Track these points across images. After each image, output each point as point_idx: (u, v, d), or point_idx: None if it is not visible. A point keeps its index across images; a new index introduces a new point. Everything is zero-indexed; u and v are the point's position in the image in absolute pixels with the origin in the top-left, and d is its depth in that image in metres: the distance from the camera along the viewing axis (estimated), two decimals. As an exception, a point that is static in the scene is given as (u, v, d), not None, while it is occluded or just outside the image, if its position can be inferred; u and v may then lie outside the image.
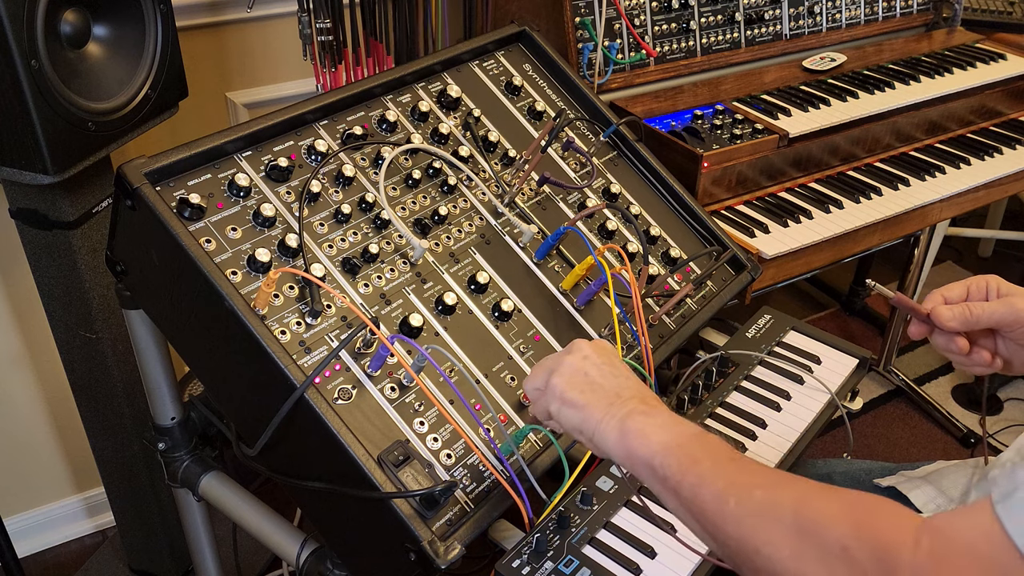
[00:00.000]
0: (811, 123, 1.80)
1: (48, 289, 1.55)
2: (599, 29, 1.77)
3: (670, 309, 1.32)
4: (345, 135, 1.21)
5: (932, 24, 2.31)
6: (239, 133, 1.11)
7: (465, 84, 1.37)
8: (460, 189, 1.27)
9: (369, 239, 1.15)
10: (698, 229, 1.47)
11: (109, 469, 1.77)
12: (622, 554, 1.00)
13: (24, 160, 1.27)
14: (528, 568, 0.96)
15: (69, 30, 1.29)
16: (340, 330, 1.06)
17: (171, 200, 1.03)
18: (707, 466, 0.76)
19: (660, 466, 0.78)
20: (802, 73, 2.02)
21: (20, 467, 1.99)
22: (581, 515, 1.04)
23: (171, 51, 1.43)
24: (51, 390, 1.94)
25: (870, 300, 2.97)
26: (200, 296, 1.01)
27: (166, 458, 1.31)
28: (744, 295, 1.51)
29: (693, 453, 0.78)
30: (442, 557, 0.92)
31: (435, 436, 1.04)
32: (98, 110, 1.32)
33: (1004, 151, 2.01)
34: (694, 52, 1.93)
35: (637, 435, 0.81)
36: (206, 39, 1.91)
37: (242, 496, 1.24)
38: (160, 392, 1.27)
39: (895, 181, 1.85)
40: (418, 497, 0.94)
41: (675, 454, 0.78)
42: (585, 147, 1.43)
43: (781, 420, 1.24)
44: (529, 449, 1.09)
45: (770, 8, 2.01)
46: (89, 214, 1.48)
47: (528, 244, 1.27)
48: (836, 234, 1.68)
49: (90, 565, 2.00)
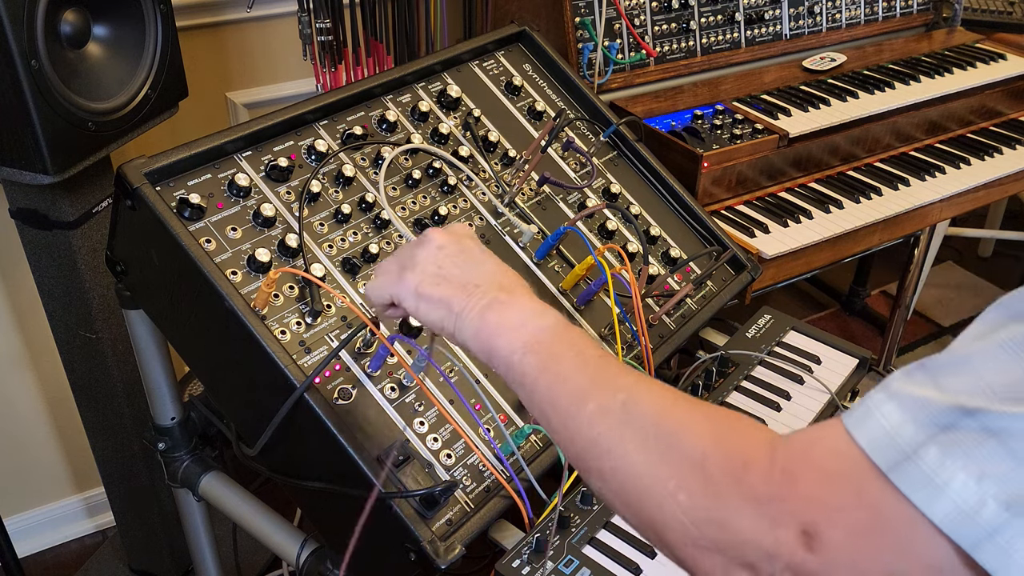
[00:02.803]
0: (811, 123, 1.80)
1: (48, 289, 1.55)
2: (599, 29, 1.77)
3: (670, 309, 1.32)
4: (345, 135, 1.21)
5: (932, 24, 2.31)
6: (239, 133, 1.11)
7: (465, 84, 1.37)
8: (460, 189, 1.27)
9: (369, 239, 1.15)
10: (698, 229, 1.47)
11: (109, 469, 1.77)
12: (622, 554, 1.00)
13: (24, 160, 1.27)
14: (528, 568, 0.96)
15: (69, 30, 1.29)
16: (340, 330, 1.06)
17: (171, 200, 1.03)
18: (568, 365, 0.71)
19: (519, 363, 0.73)
20: (802, 73, 2.02)
21: (20, 467, 1.99)
22: (581, 515, 1.04)
23: (171, 51, 1.43)
24: (51, 390, 1.94)
25: (870, 300, 2.97)
26: (200, 296, 1.01)
27: (166, 458, 1.31)
28: (744, 295, 1.51)
29: (555, 351, 0.73)
30: (442, 557, 0.92)
31: (435, 436, 1.04)
32: (98, 110, 1.32)
33: (1004, 151, 2.01)
34: (694, 52, 1.93)
35: (496, 330, 0.75)
36: (206, 39, 1.92)
37: (242, 496, 1.24)
38: (160, 392, 1.27)
39: (895, 181, 1.85)
40: (418, 497, 0.94)
41: (535, 351, 0.73)
42: (585, 147, 1.43)
43: (781, 420, 1.24)
44: (529, 449, 1.09)
45: (770, 8, 2.01)
46: (89, 214, 1.48)
47: (528, 244, 1.27)
48: (836, 234, 1.68)
49: (90, 565, 2.00)
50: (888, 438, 0.54)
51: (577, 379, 0.70)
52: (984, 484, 0.51)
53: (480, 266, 0.83)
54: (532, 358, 0.73)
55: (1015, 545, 0.51)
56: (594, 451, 0.67)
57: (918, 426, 0.53)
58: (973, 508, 0.51)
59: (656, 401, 0.67)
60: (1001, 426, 0.52)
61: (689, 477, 0.61)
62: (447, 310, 0.79)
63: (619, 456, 0.65)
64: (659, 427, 0.65)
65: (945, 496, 0.52)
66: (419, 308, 0.82)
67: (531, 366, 0.72)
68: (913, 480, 0.53)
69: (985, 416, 0.52)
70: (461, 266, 0.82)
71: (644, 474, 0.64)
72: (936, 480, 0.52)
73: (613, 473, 0.66)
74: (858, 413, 0.57)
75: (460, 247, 0.84)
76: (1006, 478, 0.51)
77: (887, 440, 0.54)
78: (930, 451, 0.52)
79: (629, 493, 0.65)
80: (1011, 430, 0.51)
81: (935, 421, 0.53)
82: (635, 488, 0.64)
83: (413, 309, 0.83)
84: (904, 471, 0.53)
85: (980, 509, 0.51)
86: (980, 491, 0.51)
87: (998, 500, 0.51)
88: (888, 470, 0.54)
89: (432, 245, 0.84)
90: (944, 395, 0.54)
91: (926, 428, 0.53)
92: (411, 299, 0.83)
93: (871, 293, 3.00)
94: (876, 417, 0.55)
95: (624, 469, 0.65)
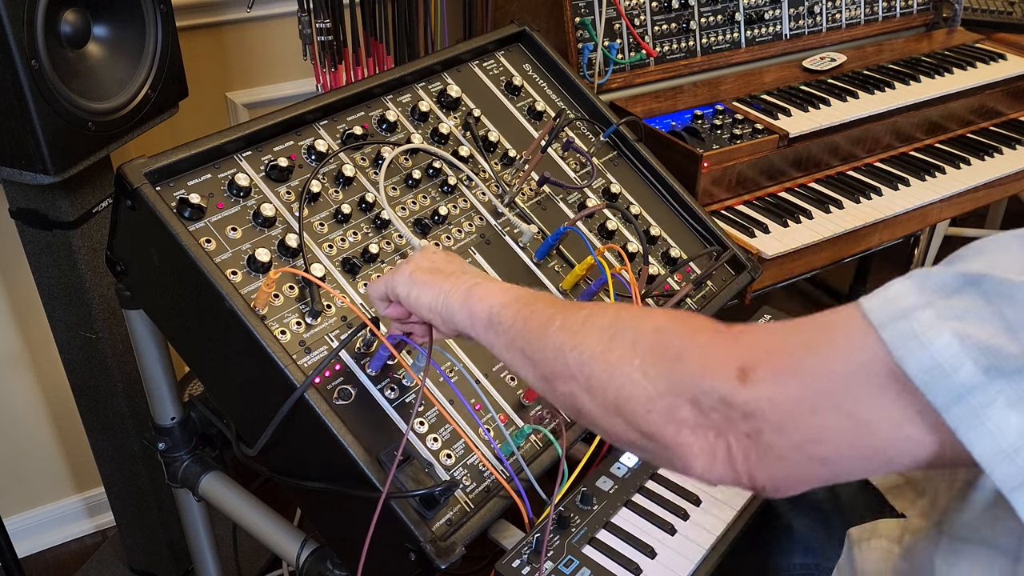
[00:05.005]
0: (811, 123, 1.80)
1: (48, 289, 1.55)
2: (599, 29, 1.77)
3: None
4: (345, 135, 1.21)
5: (932, 24, 2.31)
6: (239, 133, 1.11)
7: (465, 84, 1.37)
8: (460, 189, 1.27)
9: (369, 239, 1.15)
10: (698, 229, 1.47)
11: (109, 469, 1.77)
12: (622, 554, 1.00)
13: (24, 160, 1.27)
14: (528, 568, 0.96)
15: (69, 30, 1.29)
16: (340, 330, 1.06)
17: (171, 200, 1.03)
18: (540, 306, 0.81)
19: (496, 315, 0.83)
20: (802, 73, 2.02)
21: (20, 467, 1.99)
22: (581, 515, 1.04)
23: (171, 51, 1.42)
24: (51, 390, 1.94)
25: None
26: (200, 296, 1.01)
27: (166, 458, 1.31)
28: (744, 295, 1.51)
29: (528, 300, 0.83)
30: (442, 557, 0.92)
31: (435, 436, 1.04)
32: (98, 110, 1.32)
33: (1004, 151, 2.01)
34: (694, 52, 1.93)
35: (479, 298, 0.86)
36: (206, 39, 1.91)
37: (242, 496, 1.24)
38: (160, 392, 1.27)
39: (895, 181, 1.85)
40: (418, 497, 0.94)
41: (511, 305, 0.83)
42: (585, 147, 1.43)
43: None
44: (529, 449, 1.09)
45: (770, 8, 2.01)
46: (89, 214, 1.48)
47: (528, 244, 1.27)
48: (836, 234, 1.68)
49: (90, 565, 2.00)
50: (889, 302, 0.56)
51: (546, 311, 0.79)
52: (967, 345, 0.52)
53: (468, 266, 0.95)
54: (509, 310, 0.83)
55: (988, 409, 0.52)
56: (561, 354, 0.74)
57: (922, 291, 0.55)
58: (952, 367, 0.52)
59: (616, 308, 0.77)
60: (1000, 291, 0.53)
61: (645, 345, 0.68)
62: (437, 290, 0.90)
63: (583, 350, 0.72)
64: (618, 320, 0.72)
65: (926, 352, 0.53)
66: (411, 292, 0.92)
67: (508, 316, 0.83)
68: (901, 334, 0.54)
69: (987, 281, 0.53)
70: (450, 264, 0.94)
71: (609, 359, 0.70)
72: (922, 337, 0.53)
73: (580, 367, 0.72)
74: (877, 293, 0.59)
75: (450, 255, 0.97)
76: (990, 341, 0.52)
77: (888, 304, 0.56)
78: (926, 312, 0.54)
79: (595, 379, 0.71)
80: (1008, 295, 0.53)
81: (938, 287, 0.55)
82: (600, 374, 0.70)
83: (406, 294, 0.92)
84: (895, 327, 0.55)
85: (959, 368, 0.52)
86: (962, 351, 0.52)
87: (978, 363, 0.52)
88: (880, 326, 0.55)
89: (427, 250, 0.97)
90: (953, 266, 0.56)
91: (927, 294, 0.55)
92: (405, 284, 0.92)
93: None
94: (888, 289, 0.58)
95: (587, 360, 0.71)
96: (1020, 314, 0.52)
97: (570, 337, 0.74)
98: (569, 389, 0.74)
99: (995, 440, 0.51)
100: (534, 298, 0.83)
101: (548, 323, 0.77)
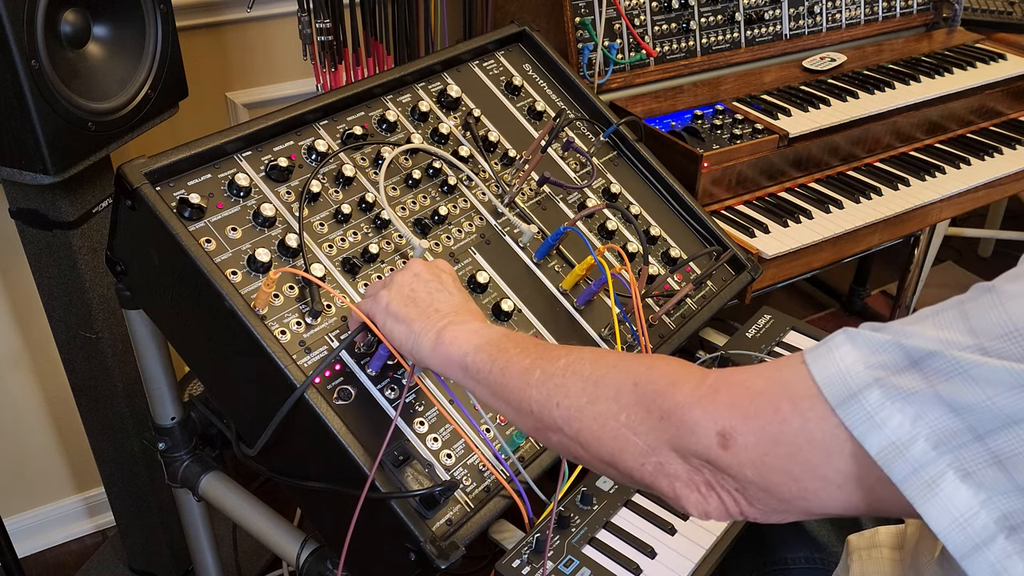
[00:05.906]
0: (811, 123, 1.80)
1: (48, 289, 1.55)
2: (599, 29, 1.77)
3: (670, 309, 1.32)
4: (345, 135, 1.21)
5: (932, 24, 2.31)
6: (239, 133, 1.11)
7: (465, 84, 1.37)
8: (460, 189, 1.27)
9: (369, 239, 1.15)
10: (698, 229, 1.47)
11: (109, 469, 1.77)
12: (622, 554, 1.00)
13: (24, 160, 1.27)
14: (528, 568, 0.96)
15: (69, 30, 1.29)
16: (340, 330, 1.06)
17: (171, 200, 1.03)
18: (514, 352, 0.81)
19: (472, 363, 0.83)
20: (802, 73, 2.02)
21: (20, 467, 1.99)
22: (581, 515, 1.04)
23: (171, 51, 1.42)
24: (51, 390, 1.94)
25: (870, 300, 2.97)
26: (200, 296, 1.01)
27: (166, 458, 1.31)
28: (744, 295, 1.51)
29: (501, 345, 0.83)
30: (442, 557, 0.92)
31: (435, 436, 1.04)
32: (98, 110, 1.32)
33: (1004, 151, 2.01)
34: (694, 52, 1.93)
35: (450, 342, 0.86)
36: (206, 39, 1.92)
37: (242, 496, 1.24)
38: (160, 392, 1.27)
39: (895, 181, 1.85)
40: (418, 497, 0.94)
41: (485, 350, 0.83)
42: (585, 147, 1.43)
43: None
44: (529, 449, 1.09)
45: (770, 8, 2.01)
46: (89, 214, 1.48)
47: (528, 244, 1.27)
48: (836, 234, 1.68)
49: (90, 565, 2.00)
50: (840, 378, 0.59)
51: (522, 360, 0.80)
52: (918, 425, 0.56)
53: (448, 296, 0.93)
54: (483, 355, 0.83)
55: (939, 482, 0.55)
56: (547, 409, 0.75)
57: (868, 366, 0.58)
58: (905, 444, 0.56)
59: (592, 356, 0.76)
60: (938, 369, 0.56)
61: (628, 400, 0.69)
62: (408, 329, 0.90)
63: (568, 405, 0.74)
64: (596, 371, 0.73)
65: (882, 432, 0.57)
66: (386, 325, 0.93)
67: (483, 361, 0.83)
68: (856, 417, 0.58)
69: (927, 361, 0.57)
70: (431, 293, 0.93)
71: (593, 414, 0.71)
72: (876, 418, 0.57)
73: (567, 422, 0.74)
74: (820, 350, 0.62)
75: (436, 278, 0.95)
76: (937, 422, 0.55)
77: (838, 381, 0.59)
78: (874, 393, 0.57)
79: (585, 433, 0.72)
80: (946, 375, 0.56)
81: (883, 365, 0.58)
82: (589, 428, 0.72)
83: (381, 325, 0.93)
84: (848, 409, 0.58)
85: (911, 445, 0.56)
86: (913, 429, 0.56)
87: (928, 440, 0.55)
88: (836, 406, 0.59)
89: (410, 272, 0.96)
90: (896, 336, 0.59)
91: (874, 369, 0.58)
92: (381, 316, 0.93)
93: (871, 293, 3.00)
94: (833, 352, 0.60)
95: (575, 415, 0.73)
96: (961, 392, 0.55)
97: (553, 391, 0.75)
98: (560, 440, 0.76)
99: (947, 511, 0.55)
100: (507, 341, 0.83)
101: (527, 375, 0.78)
